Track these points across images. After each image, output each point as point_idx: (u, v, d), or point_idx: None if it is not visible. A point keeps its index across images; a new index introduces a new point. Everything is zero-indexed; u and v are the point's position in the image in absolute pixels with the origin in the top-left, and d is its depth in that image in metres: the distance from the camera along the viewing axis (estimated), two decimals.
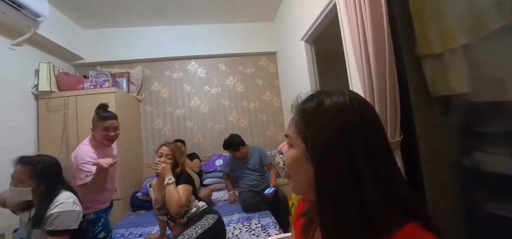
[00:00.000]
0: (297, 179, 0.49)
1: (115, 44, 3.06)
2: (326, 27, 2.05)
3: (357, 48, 1.32)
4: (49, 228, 1.18)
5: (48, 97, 2.44)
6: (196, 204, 1.61)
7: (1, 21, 2.04)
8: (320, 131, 0.43)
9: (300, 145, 0.46)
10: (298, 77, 2.61)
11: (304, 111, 0.47)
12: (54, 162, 1.34)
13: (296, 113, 0.49)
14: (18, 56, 2.26)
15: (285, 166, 0.52)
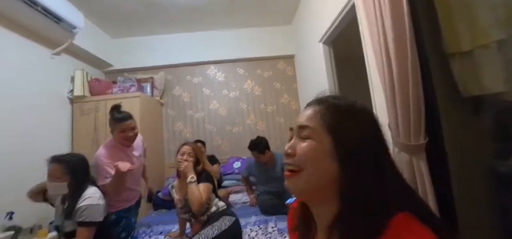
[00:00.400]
0: (312, 175, 0.44)
1: (140, 51, 3.26)
2: (344, 28, 2.01)
3: (377, 48, 1.27)
4: (78, 219, 1.29)
5: (81, 101, 2.66)
6: (216, 203, 1.63)
7: (43, 33, 2.27)
8: (355, 128, 0.45)
9: (325, 140, 0.44)
10: (316, 79, 2.57)
11: (337, 107, 0.47)
12: (83, 159, 1.46)
13: (326, 107, 0.47)
14: (57, 64, 2.49)
15: (296, 158, 0.46)
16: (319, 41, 2.35)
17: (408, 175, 1.15)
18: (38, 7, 1.98)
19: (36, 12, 1.98)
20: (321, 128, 0.45)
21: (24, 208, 1.70)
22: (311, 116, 0.47)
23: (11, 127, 1.94)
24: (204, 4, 2.73)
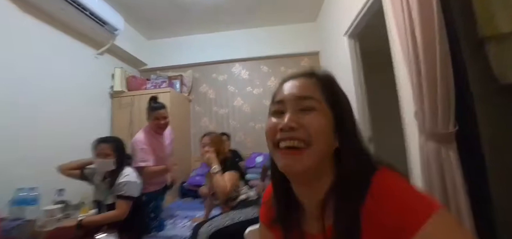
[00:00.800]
0: (321, 150, 0.42)
1: (171, 51, 3.49)
2: (370, 20, 1.95)
3: (402, 32, 1.23)
4: (118, 193, 1.46)
5: (120, 96, 2.94)
6: (246, 191, 1.61)
7: (90, 35, 2.57)
8: (345, 101, 0.48)
9: (329, 113, 0.44)
10: (342, 75, 2.51)
11: (331, 81, 0.48)
12: (122, 142, 1.66)
13: (322, 79, 0.47)
14: (100, 63, 2.79)
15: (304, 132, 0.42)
16: (344, 35, 2.30)
17: (435, 167, 1.09)
18: (86, 12, 2.25)
19: (84, 16, 2.26)
20: (325, 100, 0.44)
21: (72, 187, 1.96)
22: (311, 86, 0.45)
23: (61, 117, 2.23)
24: (230, 4, 2.85)
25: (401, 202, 0.37)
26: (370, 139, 2.19)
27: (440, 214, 0.35)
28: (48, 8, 2.08)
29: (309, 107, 0.43)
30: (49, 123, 2.10)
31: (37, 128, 2.00)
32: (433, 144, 1.10)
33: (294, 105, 0.44)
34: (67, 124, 2.26)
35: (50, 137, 2.08)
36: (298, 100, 0.44)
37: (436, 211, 0.35)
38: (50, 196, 1.90)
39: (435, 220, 0.34)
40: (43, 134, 2.03)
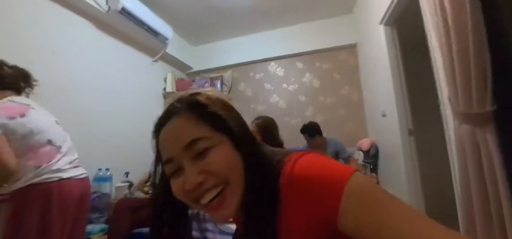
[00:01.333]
0: (239, 180, 0.40)
1: (213, 55, 3.84)
2: (408, 7, 1.84)
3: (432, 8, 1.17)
4: None
5: (171, 96, 3.38)
6: None
7: (146, 44, 3.05)
8: (226, 112, 0.43)
9: (221, 138, 0.41)
10: (380, 65, 2.41)
11: (201, 102, 0.43)
12: None
13: (190, 108, 0.42)
14: (155, 69, 3.27)
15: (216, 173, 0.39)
16: (380, 23, 2.21)
17: (470, 152, 1.02)
18: (144, 26, 2.69)
19: (142, 29, 2.70)
20: (210, 130, 0.40)
21: (135, 171, 2.42)
22: (190, 125, 0.40)
23: (125, 114, 2.71)
24: (264, 6, 3.00)
25: (313, 177, 0.35)
26: (410, 132, 2.05)
27: (357, 173, 0.35)
28: (115, 24, 2.58)
29: (203, 148, 0.39)
30: (116, 119, 2.58)
31: (108, 123, 2.48)
32: (467, 126, 1.04)
33: (187, 156, 0.39)
34: (129, 120, 2.74)
35: (118, 130, 2.56)
36: (188, 149, 0.39)
37: (353, 171, 0.35)
38: (119, 176, 2.36)
39: (356, 177, 0.34)
40: (113, 128, 2.51)
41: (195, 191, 0.38)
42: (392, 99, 2.14)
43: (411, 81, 2.27)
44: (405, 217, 0.31)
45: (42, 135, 1.08)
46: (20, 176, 1.00)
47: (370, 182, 0.36)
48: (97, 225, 1.84)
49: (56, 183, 1.04)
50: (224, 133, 0.41)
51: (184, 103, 0.43)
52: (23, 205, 0.97)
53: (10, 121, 1.01)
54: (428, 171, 2.24)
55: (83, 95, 2.23)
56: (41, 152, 1.06)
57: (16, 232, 0.95)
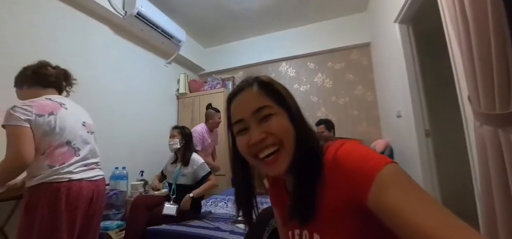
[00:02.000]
0: (291, 144, 0.48)
1: (224, 56, 3.88)
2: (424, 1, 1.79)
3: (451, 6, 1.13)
4: (205, 172, 1.92)
5: (184, 98, 3.46)
6: None
7: (160, 47, 3.13)
8: (285, 92, 0.53)
9: (281, 110, 0.50)
10: (395, 65, 2.34)
11: (269, 81, 0.53)
12: (189, 132, 2.11)
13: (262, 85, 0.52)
14: (169, 71, 3.36)
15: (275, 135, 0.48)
16: (395, 21, 2.16)
17: (492, 153, 0.98)
18: (158, 29, 2.77)
19: (157, 32, 2.78)
20: (275, 102, 0.50)
21: (149, 170, 2.50)
22: (259, 96, 0.50)
23: (141, 114, 2.80)
24: (275, 7, 3.00)
25: (353, 162, 0.41)
26: (427, 133, 1.98)
27: (393, 165, 0.38)
28: (131, 28, 2.67)
29: (267, 115, 0.49)
30: (132, 119, 2.67)
31: (125, 124, 2.57)
32: (489, 127, 0.99)
33: (254, 119, 0.49)
34: (145, 120, 2.83)
35: (134, 130, 2.65)
36: (256, 113, 0.49)
37: (389, 162, 0.38)
38: (135, 175, 2.44)
39: (389, 168, 0.37)
40: (129, 128, 2.60)
41: (256, 146, 0.48)
42: (408, 99, 2.08)
43: (428, 80, 2.20)
44: (425, 209, 0.33)
45: (63, 135, 1.12)
46: (35, 172, 1.04)
47: (403, 172, 0.38)
48: (114, 221, 1.92)
49: (65, 183, 1.06)
50: (283, 107, 0.50)
51: (256, 80, 0.53)
52: (35, 202, 1.01)
53: (38, 118, 1.06)
54: (446, 173, 2.15)
55: (102, 97, 2.33)
56: (58, 152, 1.09)
57: (29, 227, 0.99)
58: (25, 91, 1.18)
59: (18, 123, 1.02)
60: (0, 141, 1.05)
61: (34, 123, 1.05)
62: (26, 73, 1.19)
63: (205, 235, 1.54)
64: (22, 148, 1.00)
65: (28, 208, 1.01)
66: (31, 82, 1.18)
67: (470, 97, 1.10)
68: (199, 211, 1.96)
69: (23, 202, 1.03)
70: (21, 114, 1.03)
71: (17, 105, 1.05)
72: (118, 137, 2.45)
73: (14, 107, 1.05)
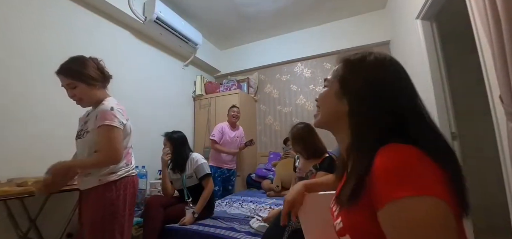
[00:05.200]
0: (325, 110, 0.58)
1: (239, 58, 3.92)
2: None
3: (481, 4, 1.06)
4: (202, 174, 1.88)
5: (200, 99, 3.53)
6: None
7: (178, 51, 3.23)
8: (358, 75, 0.52)
9: (334, 85, 0.55)
10: (416, 64, 2.23)
11: (348, 61, 0.56)
12: (178, 136, 2.03)
13: (341, 63, 0.57)
14: (186, 73, 3.45)
15: (318, 100, 0.61)
16: (417, 18, 2.05)
17: None
18: (176, 33, 2.86)
19: (175, 36, 2.87)
20: (334, 78, 0.56)
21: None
22: (331, 73, 0.59)
23: (159, 115, 2.90)
24: (290, 8, 2.98)
25: (389, 172, 0.38)
26: (454, 136, 1.86)
27: (420, 200, 0.33)
28: (150, 33, 2.78)
29: (324, 86, 0.61)
30: (152, 120, 2.78)
31: (144, 124, 2.68)
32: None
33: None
34: (163, 121, 2.92)
35: (153, 131, 2.74)
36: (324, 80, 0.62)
37: (417, 194, 0.34)
38: (153, 174, 2.52)
39: (406, 204, 0.34)
40: (148, 128, 2.71)
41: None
42: (432, 100, 1.96)
43: (454, 80, 2.07)
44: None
45: (131, 139, 1.29)
46: (116, 169, 1.17)
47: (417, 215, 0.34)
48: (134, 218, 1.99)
49: (135, 177, 1.26)
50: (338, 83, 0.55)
51: (343, 59, 0.58)
52: (119, 192, 1.15)
53: (127, 122, 1.22)
54: (474, 180, 2.01)
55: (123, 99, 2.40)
56: (128, 153, 1.27)
57: (113, 216, 1.12)
58: (96, 91, 1.21)
59: (119, 126, 1.14)
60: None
61: (126, 127, 1.20)
62: (93, 71, 1.19)
63: (220, 235, 1.56)
64: (119, 149, 1.13)
65: (114, 197, 1.14)
66: (101, 81, 1.23)
67: (502, 97, 1.02)
68: (212, 209, 1.99)
69: (105, 192, 1.14)
70: (122, 118, 1.17)
71: (115, 108, 1.16)
72: (137, 137, 2.53)
73: (113, 109, 1.15)
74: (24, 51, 1.74)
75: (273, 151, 3.51)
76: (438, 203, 0.33)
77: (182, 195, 1.96)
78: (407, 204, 0.34)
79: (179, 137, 2.02)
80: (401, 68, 0.51)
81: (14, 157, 1.61)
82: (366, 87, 0.50)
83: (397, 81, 0.49)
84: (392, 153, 0.40)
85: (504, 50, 0.96)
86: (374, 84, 0.49)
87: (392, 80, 0.49)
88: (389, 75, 0.50)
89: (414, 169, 0.36)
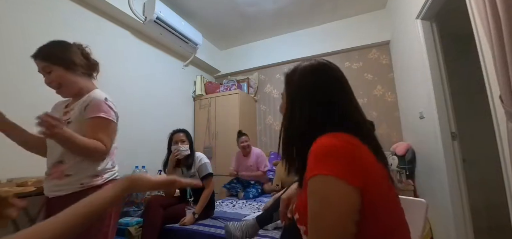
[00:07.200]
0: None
1: (239, 58, 3.92)
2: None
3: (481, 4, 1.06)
4: (204, 173, 1.88)
5: (200, 99, 3.53)
6: None
7: (178, 51, 3.23)
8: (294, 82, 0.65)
9: (285, 96, 0.67)
10: (416, 63, 2.23)
11: (286, 74, 0.69)
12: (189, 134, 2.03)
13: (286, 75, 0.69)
14: (186, 73, 3.45)
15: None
16: (417, 18, 2.05)
17: None
18: (176, 33, 2.86)
19: (175, 36, 2.87)
20: (284, 90, 0.68)
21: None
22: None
23: (160, 115, 2.90)
24: (290, 8, 2.98)
25: (310, 155, 0.50)
26: (454, 136, 1.86)
27: (325, 179, 0.46)
28: (150, 33, 2.78)
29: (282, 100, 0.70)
30: (151, 120, 2.78)
31: (144, 124, 2.68)
32: None
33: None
34: (163, 121, 2.92)
35: (152, 130, 2.75)
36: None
37: (324, 173, 0.46)
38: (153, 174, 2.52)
39: (316, 180, 0.47)
40: (148, 128, 2.71)
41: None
42: (432, 99, 1.96)
43: (454, 79, 2.06)
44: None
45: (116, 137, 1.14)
46: (103, 171, 1.02)
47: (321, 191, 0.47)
48: (134, 218, 2.00)
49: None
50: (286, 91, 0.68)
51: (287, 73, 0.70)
52: None
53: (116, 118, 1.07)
54: (474, 179, 2.01)
55: (123, 99, 2.44)
56: (114, 152, 1.11)
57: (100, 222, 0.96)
58: (79, 79, 1.05)
59: (115, 120, 1.03)
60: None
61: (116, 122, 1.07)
62: (77, 56, 1.05)
63: (220, 235, 1.56)
64: (110, 143, 1.00)
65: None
66: (86, 68, 1.08)
67: (502, 97, 1.02)
68: (212, 209, 1.99)
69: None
70: (115, 111, 1.05)
71: (109, 100, 1.03)
72: (137, 136, 2.56)
73: (107, 99, 1.02)
74: (23, 51, 1.74)
75: (273, 150, 3.51)
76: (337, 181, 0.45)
77: (184, 195, 1.96)
78: (318, 179, 0.46)
79: (191, 135, 2.04)
80: (326, 71, 0.64)
81: (14, 157, 1.61)
82: (298, 93, 0.63)
83: (321, 82, 0.61)
84: (321, 140, 0.51)
85: (504, 51, 0.96)
86: (304, 89, 0.62)
87: (317, 82, 0.61)
88: (313, 79, 0.62)
89: (330, 154, 0.48)
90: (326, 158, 0.47)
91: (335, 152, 0.47)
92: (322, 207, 0.45)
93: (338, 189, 0.44)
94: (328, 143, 0.49)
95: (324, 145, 0.49)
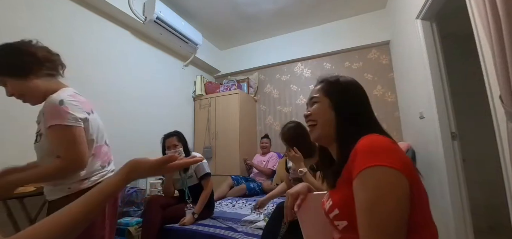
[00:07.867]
0: (322, 124, 0.69)
1: (239, 58, 3.92)
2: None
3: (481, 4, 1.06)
4: (202, 174, 1.87)
5: (200, 99, 3.53)
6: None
7: (178, 51, 3.23)
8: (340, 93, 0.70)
9: (325, 100, 0.70)
10: (416, 63, 2.23)
11: (330, 81, 0.74)
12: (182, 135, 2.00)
13: (324, 83, 0.74)
14: (186, 73, 3.45)
15: (312, 115, 0.71)
16: (417, 18, 2.05)
17: None
18: (176, 33, 2.86)
19: (175, 36, 2.87)
20: (322, 95, 0.71)
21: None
22: (317, 90, 0.74)
23: (160, 115, 2.90)
24: (290, 8, 2.98)
25: (360, 151, 0.54)
26: (454, 136, 1.86)
27: (382, 170, 0.49)
28: (150, 33, 2.78)
29: (314, 101, 0.73)
30: (151, 120, 2.78)
31: (144, 124, 2.68)
32: None
33: (309, 104, 0.76)
34: (163, 120, 2.92)
35: (152, 130, 2.74)
36: (310, 101, 0.75)
37: (380, 165, 0.49)
38: None
39: (373, 171, 0.49)
40: (148, 128, 2.71)
41: (305, 117, 0.75)
42: (432, 99, 1.96)
43: (454, 79, 2.07)
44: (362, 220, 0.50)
45: (103, 134, 1.06)
46: (89, 174, 0.97)
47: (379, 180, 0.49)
48: (134, 218, 2.00)
49: None
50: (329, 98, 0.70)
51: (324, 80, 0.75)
52: None
53: (89, 116, 0.97)
54: (475, 179, 2.01)
55: (122, 99, 2.44)
56: (103, 151, 1.04)
57: (91, 229, 0.92)
58: (37, 82, 0.93)
59: (74, 123, 0.90)
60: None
61: (87, 122, 0.96)
62: (31, 58, 0.93)
63: (219, 235, 1.56)
64: (82, 151, 0.91)
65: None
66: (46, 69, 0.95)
67: (502, 97, 1.02)
68: (212, 209, 1.99)
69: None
70: (77, 112, 0.92)
71: (66, 101, 0.90)
72: (137, 137, 2.56)
73: (63, 102, 0.89)
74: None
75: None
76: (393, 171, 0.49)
77: (182, 195, 1.96)
78: (375, 169, 0.50)
79: (183, 135, 2.00)
80: (360, 87, 0.73)
81: (14, 157, 1.61)
82: (345, 99, 0.69)
83: (361, 94, 0.70)
84: (370, 137, 0.56)
85: (504, 50, 0.96)
86: (350, 96, 0.69)
87: (358, 93, 0.70)
88: (355, 90, 0.71)
89: (383, 149, 0.52)
90: (378, 151, 0.52)
91: (385, 147, 0.53)
92: (381, 195, 0.48)
93: (395, 177, 0.49)
94: (376, 139, 0.55)
95: (373, 141, 0.55)
